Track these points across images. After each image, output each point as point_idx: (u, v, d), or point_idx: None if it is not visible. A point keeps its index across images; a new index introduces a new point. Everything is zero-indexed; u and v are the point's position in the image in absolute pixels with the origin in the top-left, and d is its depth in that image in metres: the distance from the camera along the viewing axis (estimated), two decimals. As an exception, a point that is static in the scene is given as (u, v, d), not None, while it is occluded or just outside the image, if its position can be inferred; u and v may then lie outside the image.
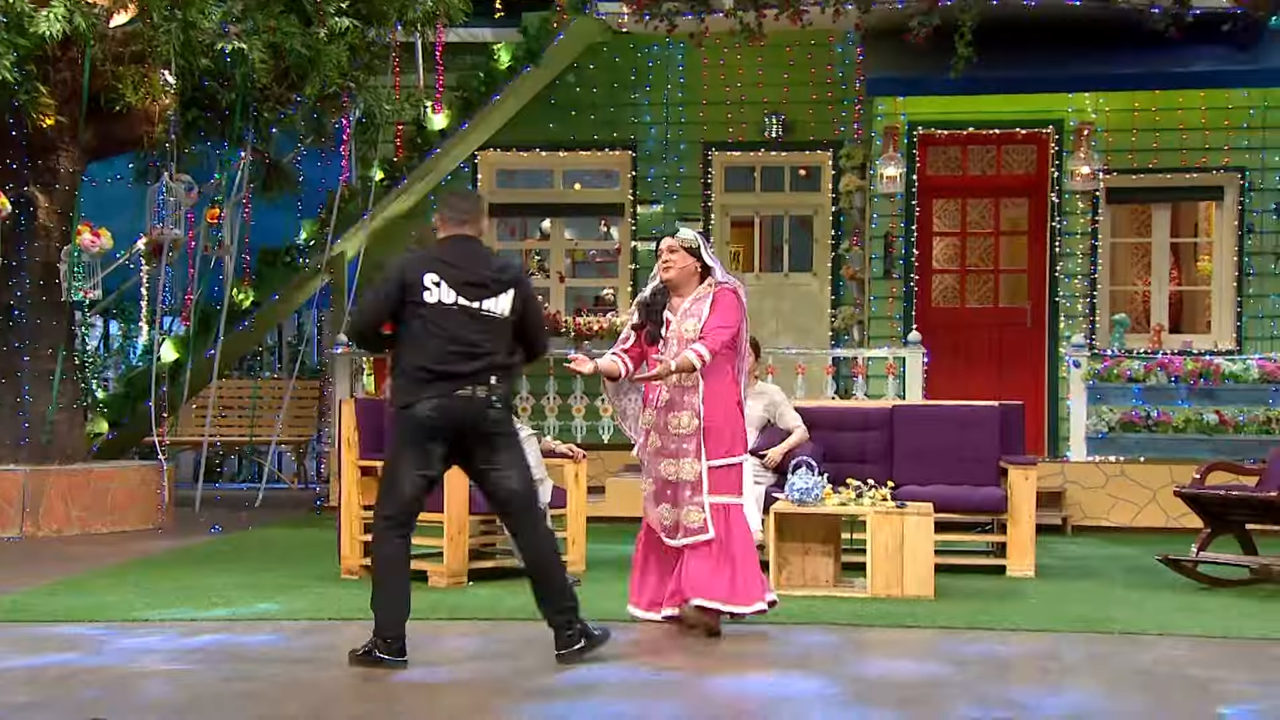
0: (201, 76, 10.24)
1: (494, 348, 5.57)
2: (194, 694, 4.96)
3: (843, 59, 13.30)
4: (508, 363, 5.62)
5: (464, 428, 5.54)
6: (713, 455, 6.17)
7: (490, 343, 5.56)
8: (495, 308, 5.58)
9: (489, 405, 5.53)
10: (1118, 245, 13.06)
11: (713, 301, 6.26)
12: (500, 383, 5.57)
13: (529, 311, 5.69)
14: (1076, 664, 5.70)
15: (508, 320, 5.61)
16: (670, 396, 6.22)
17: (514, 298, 5.62)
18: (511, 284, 5.64)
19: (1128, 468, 10.85)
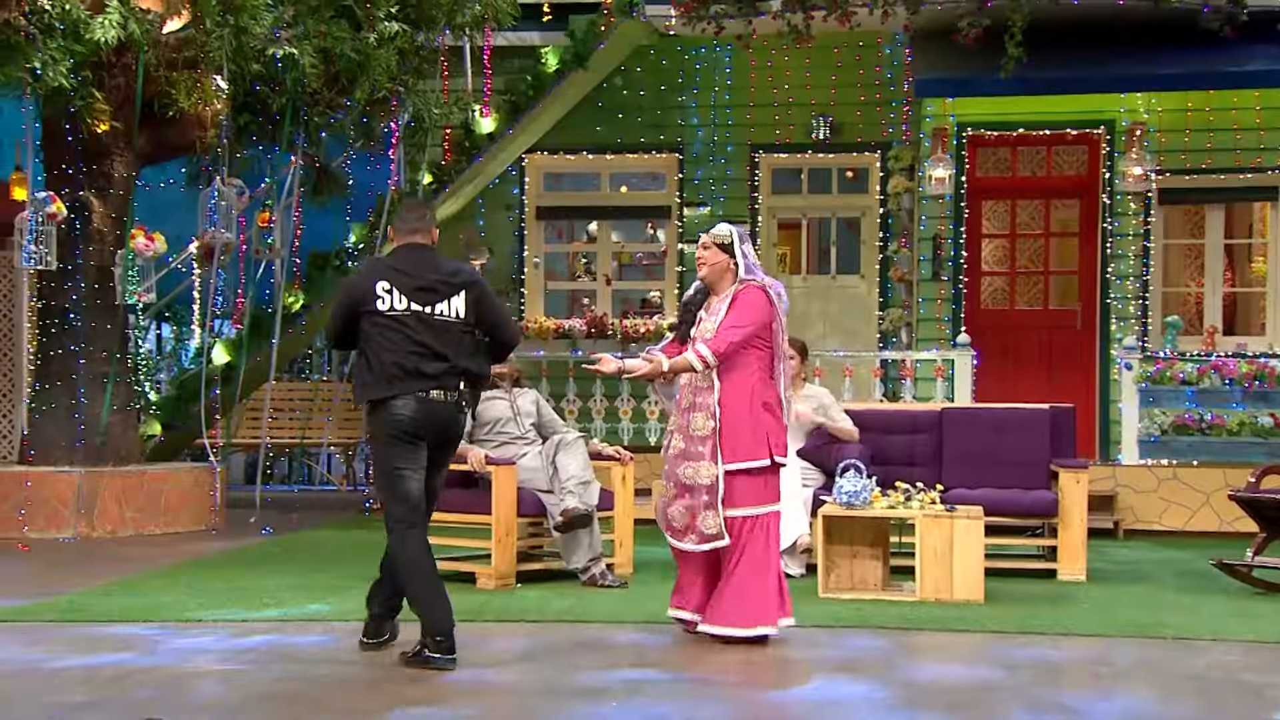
0: (253, 81, 10.33)
1: (452, 353, 5.67)
2: (246, 694, 5.00)
3: (891, 60, 13.24)
4: (468, 367, 5.71)
5: (439, 429, 5.67)
6: (729, 459, 5.95)
7: (447, 347, 5.66)
8: (448, 312, 5.69)
9: (459, 410, 5.71)
10: (1170, 246, 12.92)
11: (732, 301, 6.10)
12: (466, 388, 5.72)
13: (484, 310, 5.77)
14: (1129, 669, 5.64)
15: (463, 324, 5.71)
16: (692, 398, 6.09)
17: (465, 299, 5.72)
18: (462, 287, 5.73)
19: (1181, 471, 10.73)
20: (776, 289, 6.20)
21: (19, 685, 5.14)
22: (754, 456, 5.97)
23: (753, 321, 6.02)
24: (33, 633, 6.19)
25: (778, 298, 6.17)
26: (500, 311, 5.89)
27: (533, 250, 13.93)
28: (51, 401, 10.40)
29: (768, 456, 5.99)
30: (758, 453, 5.97)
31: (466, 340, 5.73)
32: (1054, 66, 11.79)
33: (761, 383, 6.06)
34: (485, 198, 13.84)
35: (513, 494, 7.57)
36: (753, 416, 6.01)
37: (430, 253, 5.81)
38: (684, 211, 13.60)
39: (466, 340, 5.73)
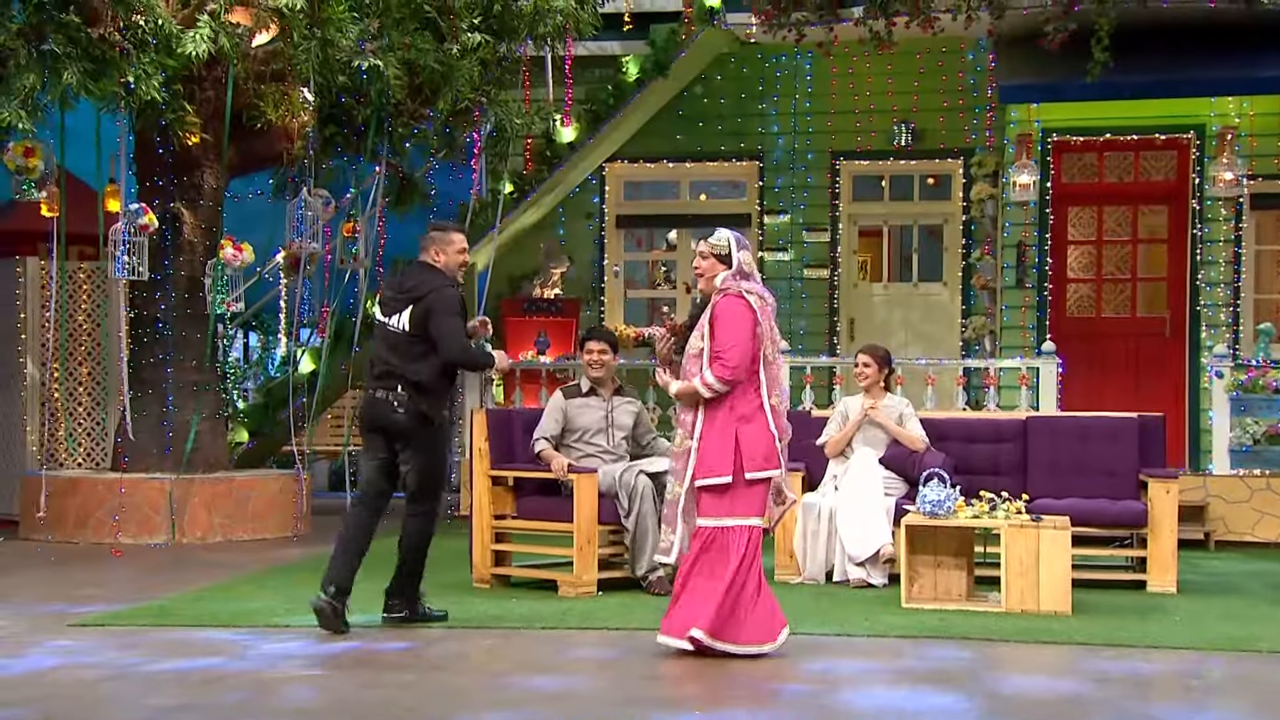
0: (338, 93, 10.47)
1: (394, 359, 6.46)
2: (333, 699, 5.07)
3: (974, 65, 13.13)
4: (411, 375, 6.41)
5: (378, 425, 6.52)
6: (696, 474, 5.84)
7: (391, 354, 6.48)
8: (396, 323, 6.48)
9: (393, 410, 6.44)
10: (1263, 252, 12.66)
11: (714, 309, 5.92)
12: (403, 390, 6.41)
13: (429, 324, 6.39)
14: (1221, 683, 5.54)
15: (407, 334, 6.44)
16: (678, 414, 6.02)
17: (411, 312, 6.43)
18: (410, 300, 6.44)
19: (1274, 481, 10.50)
20: (759, 292, 5.97)
21: (115, 688, 5.25)
22: (716, 473, 5.82)
23: (738, 340, 5.82)
24: (127, 636, 6.31)
25: (761, 300, 5.96)
26: (441, 327, 6.39)
27: (613, 258, 13.98)
28: (143, 409, 10.61)
29: (730, 473, 5.81)
30: (721, 469, 5.82)
31: (414, 349, 6.43)
32: (1141, 71, 11.61)
33: (740, 394, 5.87)
34: (566, 206, 13.92)
35: (594, 502, 7.59)
36: (723, 431, 5.86)
37: (418, 269, 6.56)
38: (764, 219, 13.57)
39: (414, 349, 6.43)
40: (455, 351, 6.44)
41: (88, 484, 10.33)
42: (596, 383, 8.06)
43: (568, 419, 7.94)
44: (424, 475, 6.57)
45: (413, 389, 6.41)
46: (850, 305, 13.59)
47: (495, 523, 7.97)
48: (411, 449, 6.51)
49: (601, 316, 13.76)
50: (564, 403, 8.00)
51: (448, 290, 6.47)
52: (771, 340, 5.98)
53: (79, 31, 9.10)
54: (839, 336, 13.42)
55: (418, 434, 6.48)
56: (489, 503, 7.96)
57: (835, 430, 8.62)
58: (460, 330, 6.47)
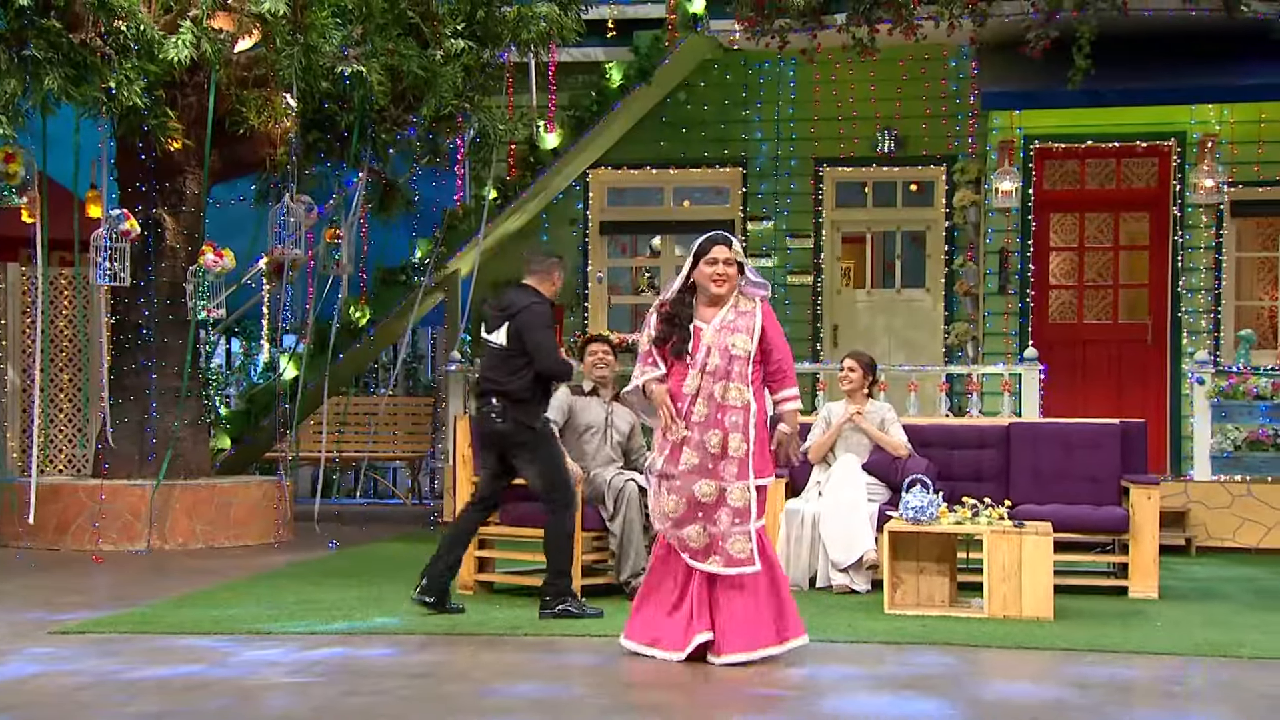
0: (321, 99, 10.45)
1: (495, 373, 7.03)
2: (315, 706, 5.05)
3: (956, 73, 13.17)
4: (504, 386, 6.97)
5: (487, 437, 7.13)
6: (759, 476, 5.88)
7: (492, 369, 7.06)
8: (496, 339, 7.03)
9: (496, 421, 7.00)
10: (1243, 259, 12.72)
11: (764, 318, 5.96)
12: (500, 402, 6.97)
13: (525, 339, 6.95)
14: (1203, 689, 5.56)
15: (505, 349, 6.99)
16: (708, 412, 5.86)
17: (508, 329, 6.98)
18: (507, 318, 7.02)
19: (1255, 487, 10.55)
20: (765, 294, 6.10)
21: (96, 695, 5.23)
22: (766, 473, 5.95)
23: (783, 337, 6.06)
24: (108, 644, 6.28)
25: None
26: (536, 340, 6.93)
27: (596, 265, 13.98)
28: (124, 416, 10.57)
29: (773, 472, 6.05)
30: (768, 469, 5.96)
31: (511, 363, 6.96)
32: (1123, 78, 11.67)
33: (761, 398, 6.00)
34: (549, 213, 13.92)
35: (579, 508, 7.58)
36: (763, 433, 5.98)
37: (518, 289, 7.13)
38: (748, 226, 13.59)
39: (511, 363, 6.96)
40: (548, 364, 6.98)
41: (69, 490, 10.29)
42: (600, 383, 8.13)
43: (572, 413, 7.98)
44: (543, 475, 7.03)
45: (511, 400, 6.96)
46: (833, 311, 13.61)
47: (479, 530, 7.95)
48: (524, 455, 7.04)
49: (585, 323, 13.76)
50: (570, 398, 8.03)
51: (538, 306, 7.05)
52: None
53: (60, 37, 9.07)
54: (822, 343, 13.44)
55: (524, 439, 7.01)
56: (472, 509, 7.94)
57: (818, 436, 8.63)
58: (553, 343, 7.05)
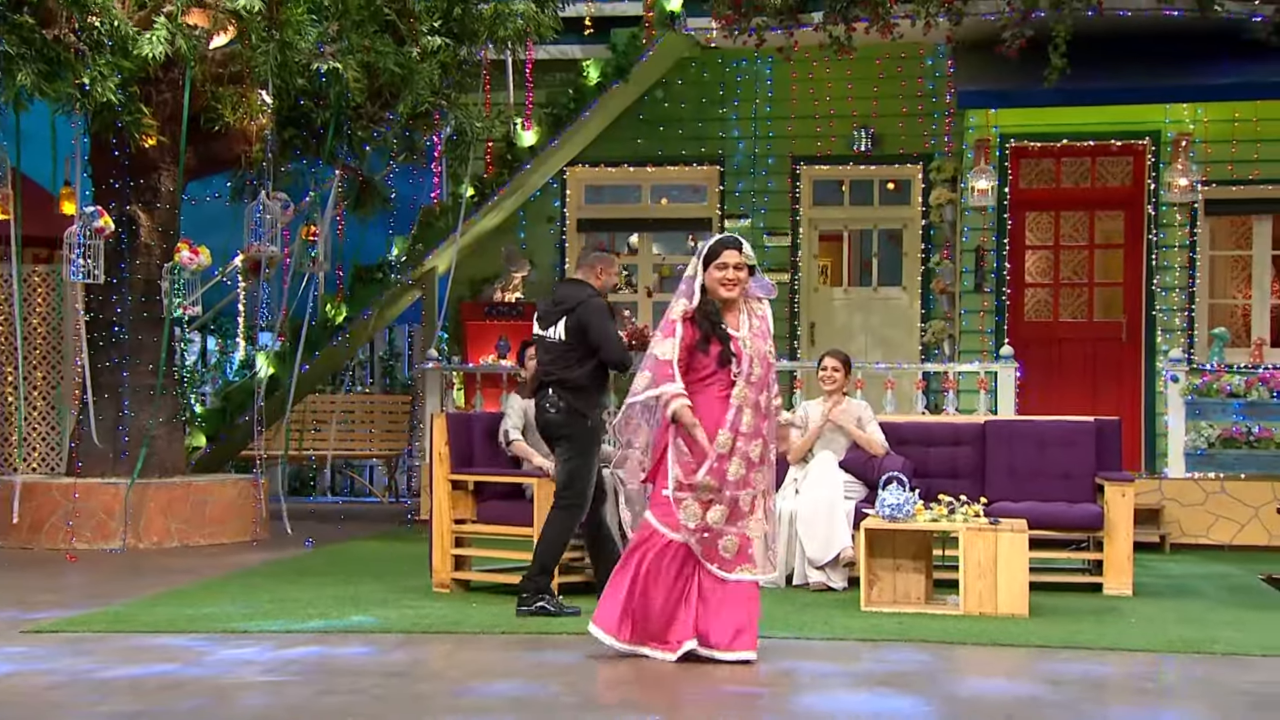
0: (297, 96, 10.41)
1: (553, 367, 7.13)
2: (290, 706, 5.03)
3: (933, 71, 13.20)
4: (565, 377, 7.06)
5: (543, 427, 7.26)
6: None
7: (551, 363, 7.15)
8: (553, 334, 7.14)
9: (546, 411, 7.12)
10: (1217, 258, 12.80)
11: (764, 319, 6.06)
12: (554, 393, 7.07)
13: (587, 332, 7.03)
14: (1177, 685, 5.59)
15: (564, 343, 7.08)
16: (753, 422, 5.85)
17: (566, 323, 7.08)
18: (564, 312, 7.10)
19: (1228, 484, 10.61)
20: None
21: (69, 694, 5.20)
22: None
23: None
24: (81, 643, 6.25)
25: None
26: (600, 333, 7.02)
27: (574, 262, 13.96)
28: (99, 414, 10.51)
29: None
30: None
31: (570, 355, 7.06)
32: (1098, 77, 11.72)
33: None
34: (527, 210, 13.90)
35: (554, 506, 7.58)
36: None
37: (570, 284, 7.31)
38: (725, 224, 13.60)
39: (570, 355, 7.06)
40: (615, 354, 7.09)
41: (42, 488, 10.22)
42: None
43: (528, 417, 7.93)
44: (569, 472, 7.05)
45: (568, 390, 7.06)
46: (811, 309, 13.64)
47: (455, 527, 7.95)
48: (563, 445, 7.09)
49: (562, 320, 13.73)
50: (523, 402, 7.98)
51: (596, 300, 7.15)
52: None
53: (33, 33, 9.01)
54: (799, 341, 13.46)
55: (571, 430, 7.06)
56: (449, 507, 7.93)
57: (797, 436, 8.64)
58: (616, 335, 7.13)
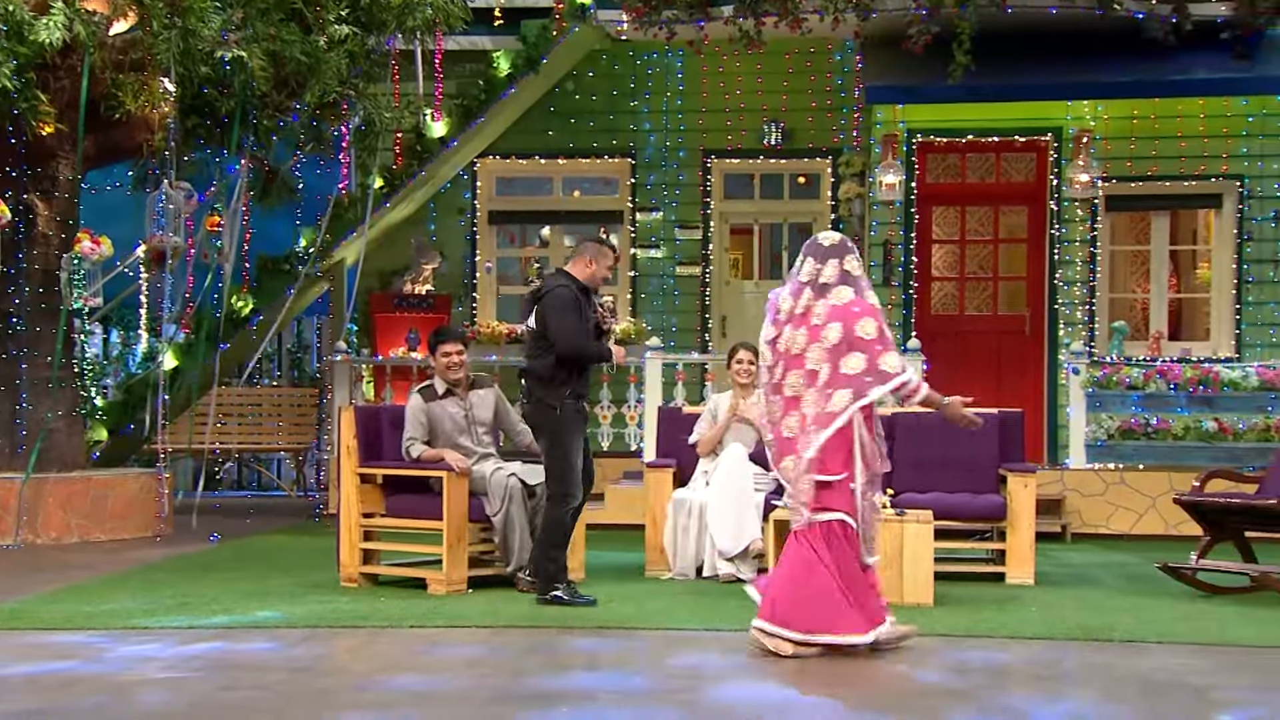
0: (201, 84, 10.24)
1: (527, 356, 7.33)
2: (192, 702, 4.95)
3: (841, 66, 13.32)
4: (530, 367, 7.21)
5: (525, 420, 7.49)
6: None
7: (525, 352, 7.39)
8: (529, 323, 7.29)
9: (523, 401, 7.31)
10: (1117, 252, 13.07)
11: None
12: (526, 384, 7.23)
13: (544, 319, 7.14)
14: (1075, 671, 5.69)
15: (533, 332, 7.23)
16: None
17: (536, 312, 7.21)
18: (535, 300, 7.26)
19: (1127, 475, 10.84)
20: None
21: (-40, 695, 5.07)
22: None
23: None
24: (-25, 642, 6.10)
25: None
26: (553, 320, 7.09)
27: (485, 255, 13.90)
28: (-6, 407, 10.27)
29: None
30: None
31: (536, 346, 7.21)
32: (1002, 74, 11.90)
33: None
34: (437, 202, 13.80)
35: (464, 500, 7.55)
36: None
37: (551, 275, 7.47)
38: (636, 216, 13.61)
39: (536, 346, 7.21)
40: (564, 347, 7.08)
41: (-65, 484, 9.97)
42: (453, 383, 7.94)
43: (432, 420, 7.84)
44: (550, 464, 7.18)
45: (533, 380, 7.18)
46: (722, 302, 13.70)
47: (363, 521, 7.88)
48: (540, 438, 7.27)
49: (474, 313, 13.68)
50: (424, 405, 7.87)
51: (560, 290, 7.15)
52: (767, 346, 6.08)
53: (-76, 17, 8.78)
54: (710, 333, 13.52)
55: (539, 421, 7.21)
56: (357, 501, 7.86)
57: (706, 428, 8.67)
58: (570, 327, 7.07)
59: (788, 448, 5.89)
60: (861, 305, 5.86)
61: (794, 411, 5.88)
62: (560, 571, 7.16)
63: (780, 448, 5.94)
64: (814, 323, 5.86)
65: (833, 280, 5.91)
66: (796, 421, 5.87)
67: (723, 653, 5.95)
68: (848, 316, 5.81)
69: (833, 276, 5.92)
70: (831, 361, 5.80)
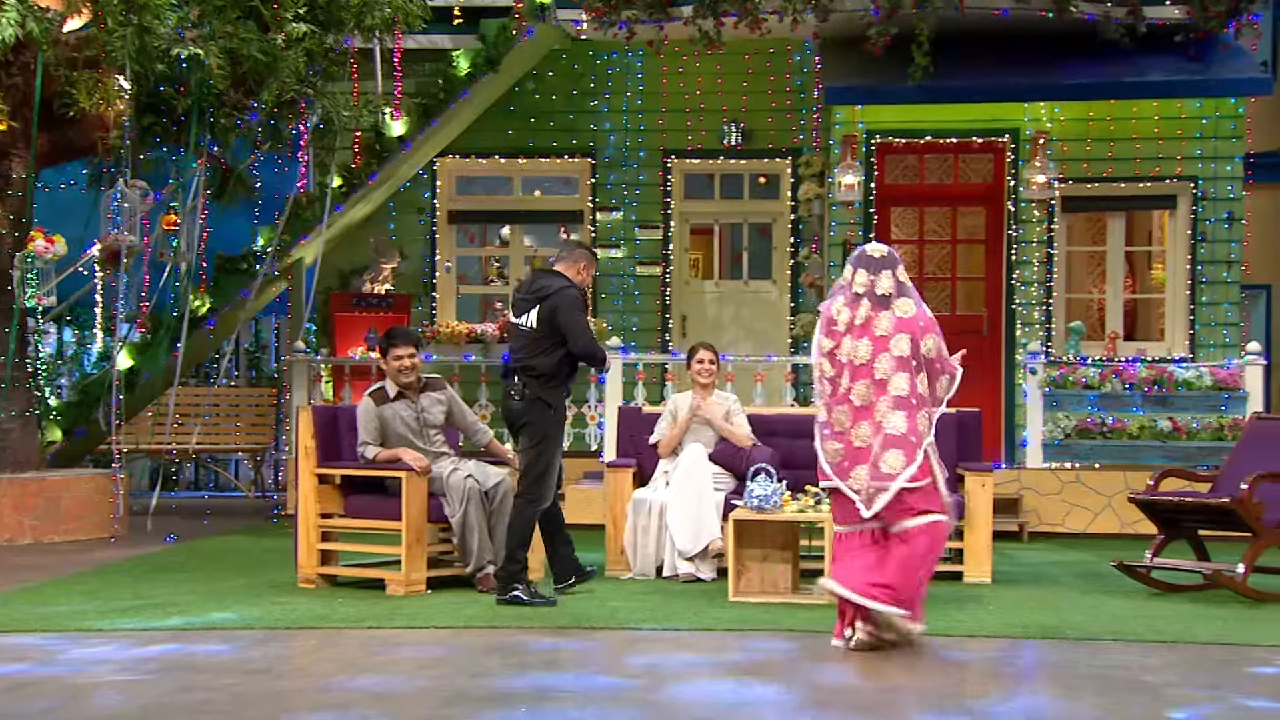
0: (157, 82, 10.15)
1: (522, 353, 7.24)
2: (146, 705, 4.91)
3: (801, 67, 13.35)
4: (532, 364, 7.18)
5: (506, 415, 7.35)
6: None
7: (521, 349, 7.26)
8: (526, 322, 7.24)
9: (510, 398, 7.26)
10: (1073, 253, 13.16)
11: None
12: (520, 380, 7.19)
13: (556, 321, 7.16)
14: (1031, 670, 5.74)
15: (534, 330, 7.20)
16: None
17: (539, 311, 7.19)
18: (538, 300, 7.21)
19: (1083, 474, 10.93)
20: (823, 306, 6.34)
21: (-90, 699, 5.01)
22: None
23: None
24: (-75, 645, 6.03)
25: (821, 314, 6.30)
26: (570, 322, 7.15)
27: (444, 254, 13.86)
28: (-53, 407, 10.14)
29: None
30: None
31: (541, 343, 7.18)
32: (960, 75, 11.98)
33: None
34: (396, 201, 13.74)
35: (423, 500, 7.52)
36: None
37: (545, 273, 7.38)
38: (596, 216, 13.60)
39: (541, 343, 7.18)
40: (582, 345, 7.20)
41: (-114, 486, 9.84)
42: (405, 386, 7.89)
43: (384, 423, 7.79)
44: (529, 463, 7.23)
45: (535, 378, 7.19)
46: (682, 302, 13.71)
47: (322, 521, 7.84)
48: (524, 434, 7.24)
49: (433, 313, 13.63)
50: (375, 409, 7.82)
51: (570, 290, 7.26)
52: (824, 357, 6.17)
53: (-127, 12, 8.65)
54: (671, 333, 13.52)
55: (531, 417, 7.20)
56: (315, 501, 7.82)
57: (666, 428, 8.68)
58: (585, 326, 7.23)
59: (860, 456, 6.01)
60: (924, 320, 6.12)
61: (864, 421, 6.02)
62: (521, 571, 7.16)
63: (851, 456, 6.04)
64: (878, 333, 6.05)
65: (891, 292, 6.11)
66: (868, 430, 6.01)
67: (680, 651, 5.96)
68: (914, 330, 6.07)
69: (890, 288, 6.12)
70: (903, 373, 6.02)
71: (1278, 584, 7.74)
